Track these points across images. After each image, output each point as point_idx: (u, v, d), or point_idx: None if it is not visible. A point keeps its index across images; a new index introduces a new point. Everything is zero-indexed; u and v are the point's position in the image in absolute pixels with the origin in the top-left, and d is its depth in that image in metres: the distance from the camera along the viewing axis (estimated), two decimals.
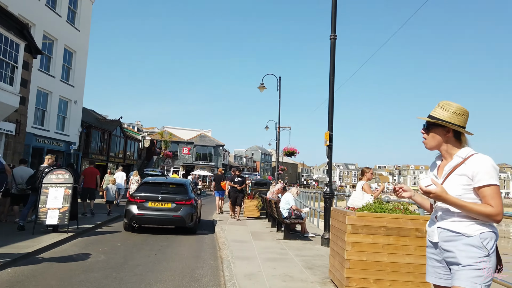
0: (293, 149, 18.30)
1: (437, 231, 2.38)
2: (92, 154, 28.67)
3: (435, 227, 2.40)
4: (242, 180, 13.73)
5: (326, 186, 9.01)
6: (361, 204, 6.76)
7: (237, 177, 13.72)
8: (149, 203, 9.98)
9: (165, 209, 10.02)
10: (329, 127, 8.91)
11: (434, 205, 2.49)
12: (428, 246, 2.50)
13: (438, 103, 2.51)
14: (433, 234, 2.41)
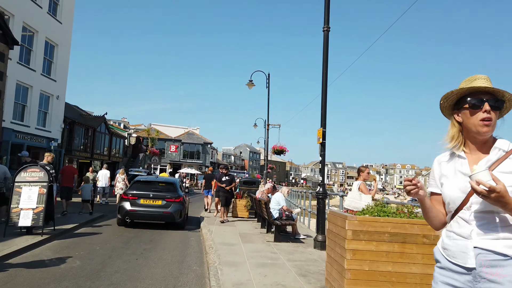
0: (282, 147, 17.83)
1: (474, 252, 1.74)
2: (75, 151, 27.78)
3: (469, 246, 1.76)
4: (231, 179, 12.51)
5: (318, 186, 8.56)
6: (360, 206, 6.31)
7: (225, 176, 12.54)
8: (141, 200, 10.69)
9: (156, 205, 10.71)
10: (322, 123, 8.46)
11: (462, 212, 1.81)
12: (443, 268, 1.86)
13: (476, 76, 1.91)
14: (465, 256, 1.76)
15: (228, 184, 12.35)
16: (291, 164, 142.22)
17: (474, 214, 1.79)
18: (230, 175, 12.65)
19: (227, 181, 12.41)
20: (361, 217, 4.22)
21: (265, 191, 11.27)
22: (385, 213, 4.35)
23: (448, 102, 1.97)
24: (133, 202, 10.64)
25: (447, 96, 1.95)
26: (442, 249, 1.88)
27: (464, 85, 1.91)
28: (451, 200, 1.86)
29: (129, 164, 38.00)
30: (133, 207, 10.54)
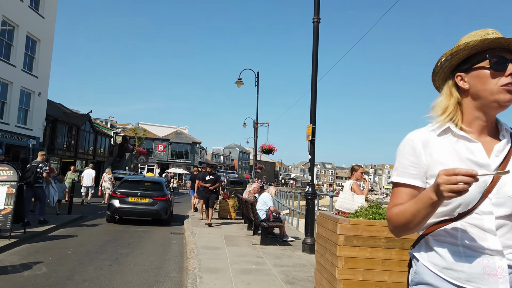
0: (271, 146, 17.36)
1: (509, 275, 1.26)
2: (58, 150, 26.98)
3: (502, 266, 1.26)
4: (215, 178, 11.32)
5: (308, 186, 8.11)
6: (352, 207, 5.86)
7: (209, 175, 11.42)
8: (129, 198, 11.37)
9: (143, 203, 11.41)
10: (312, 120, 8.01)
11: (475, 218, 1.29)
12: None
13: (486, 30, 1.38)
14: (495, 282, 1.24)
15: (212, 183, 11.23)
16: (281, 165, 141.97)
17: (498, 221, 1.29)
18: (214, 174, 11.48)
19: (211, 180, 11.27)
20: (355, 220, 3.75)
21: (252, 191, 10.78)
22: (381, 216, 3.89)
23: (453, 60, 1.40)
24: (122, 200, 11.33)
25: (457, 51, 1.37)
26: (443, 270, 1.30)
27: (476, 38, 1.34)
28: (463, 201, 1.28)
29: (115, 164, 37.18)
30: (121, 205, 11.24)
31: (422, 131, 1.43)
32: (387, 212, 1.41)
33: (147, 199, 11.43)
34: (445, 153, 1.35)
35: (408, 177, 1.38)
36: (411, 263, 1.47)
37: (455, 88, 1.43)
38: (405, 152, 1.41)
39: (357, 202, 6.06)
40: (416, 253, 1.40)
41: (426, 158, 1.37)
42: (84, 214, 13.15)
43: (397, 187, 1.41)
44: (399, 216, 1.32)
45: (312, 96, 8.06)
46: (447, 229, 1.33)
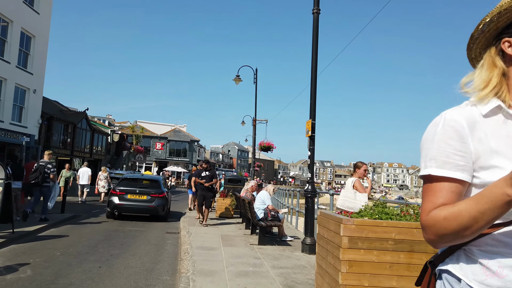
0: (269, 143, 17.03)
1: None
2: (54, 148, 26.55)
3: None
4: (211, 175, 10.71)
5: (307, 184, 7.79)
6: (355, 206, 5.56)
7: (205, 171, 10.82)
8: (128, 195, 11.85)
9: (141, 200, 11.92)
10: (311, 115, 7.69)
11: None
12: None
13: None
14: None
15: (208, 180, 10.60)
16: (280, 163, 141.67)
17: None
18: (211, 170, 10.85)
19: (207, 176, 10.66)
20: (360, 221, 3.44)
21: (249, 189, 10.44)
22: (387, 215, 3.58)
23: (500, 21, 1.10)
24: (121, 197, 11.84)
25: (507, 8, 1.06)
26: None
27: None
28: None
29: (112, 162, 36.82)
30: (121, 201, 11.73)
31: (464, 110, 1.10)
32: (423, 215, 1.06)
33: (145, 196, 11.95)
34: (499, 139, 1.04)
35: (453, 169, 1.05)
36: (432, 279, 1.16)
37: (499, 57, 1.13)
38: (446, 136, 1.07)
39: (359, 200, 5.76)
40: (453, 268, 1.08)
41: (474, 144, 1.05)
42: (78, 213, 12.83)
43: (436, 182, 1.07)
44: (450, 221, 0.99)
45: (312, 90, 7.74)
46: (497, 236, 1.02)
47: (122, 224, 11.25)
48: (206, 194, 10.51)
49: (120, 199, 11.76)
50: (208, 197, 10.54)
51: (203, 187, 10.56)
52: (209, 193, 10.59)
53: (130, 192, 11.91)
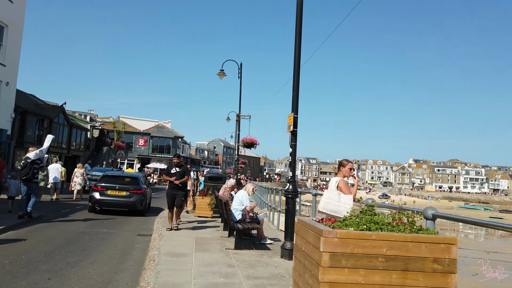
0: (252, 139, 16.37)
1: None
2: (28, 143, 25.37)
3: None
4: (182, 171, 9.45)
5: (288, 183, 7.16)
6: (339, 209, 4.95)
7: (175, 167, 9.50)
8: (108, 191, 12.60)
9: (121, 196, 12.65)
10: (294, 108, 7.06)
11: None
12: None
13: None
14: None
15: (178, 177, 9.35)
16: (266, 160, 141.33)
17: None
18: (182, 166, 9.57)
19: (177, 173, 9.39)
20: (344, 233, 2.80)
21: (228, 188, 9.75)
22: (377, 225, 2.96)
23: None
24: (102, 192, 12.56)
25: None
26: None
27: None
28: None
29: (92, 158, 35.64)
30: (101, 197, 12.48)
31: None
32: None
33: (124, 192, 12.71)
34: None
35: None
36: None
37: None
38: None
39: (344, 203, 5.15)
40: None
41: None
42: (46, 213, 11.97)
43: None
44: None
45: (295, 81, 7.10)
46: None
47: (92, 225, 10.48)
48: (177, 193, 9.42)
49: (101, 195, 12.50)
50: (179, 197, 9.45)
51: (173, 186, 9.41)
52: (179, 192, 9.46)
53: (110, 188, 12.65)
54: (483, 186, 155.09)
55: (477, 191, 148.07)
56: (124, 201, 12.57)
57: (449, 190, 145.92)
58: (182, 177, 9.39)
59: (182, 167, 9.55)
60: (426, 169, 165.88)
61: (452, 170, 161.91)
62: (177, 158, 9.63)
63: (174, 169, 9.45)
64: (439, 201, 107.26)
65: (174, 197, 9.38)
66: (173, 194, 9.38)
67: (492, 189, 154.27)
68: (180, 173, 9.40)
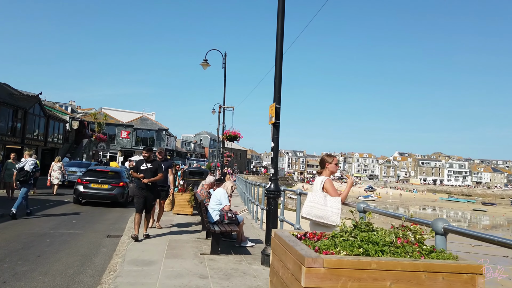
0: (235, 132, 15.59)
1: None
2: (0, 135, 24.14)
3: None
4: (155, 167, 7.89)
5: (269, 181, 6.44)
6: (326, 214, 4.26)
7: (145, 163, 7.88)
8: (92, 184, 13.57)
9: (103, 189, 13.65)
10: (276, 97, 6.31)
11: None
12: None
13: None
14: None
15: (149, 175, 7.73)
16: (252, 152, 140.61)
17: None
18: (154, 161, 8.05)
19: (147, 170, 7.77)
20: (333, 261, 2.07)
21: (206, 185, 8.96)
22: (377, 247, 2.24)
23: None
24: (86, 185, 13.50)
25: None
26: None
27: None
28: None
29: (71, 151, 34.36)
30: (85, 190, 13.46)
31: None
32: None
33: (106, 185, 13.68)
34: None
35: None
36: None
37: None
38: None
39: (331, 206, 4.46)
40: None
41: None
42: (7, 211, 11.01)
43: None
44: None
45: (277, 68, 6.34)
46: None
47: (59, 224, 9.62)
48: (147, 195, 7.77)
49: (84, 188, 13.45)
50: (150, 199, 7.89)
51: (142, 185, 7.74)
52: (150, 193, 7.83)
53: (94, 181, 13.59)
54: (466, 179, 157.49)
55: (461, 184, 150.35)
56: (106, 193, 13.49)
57: (433, 183, 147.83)
58: (154, 175, 7.80)
59: (155, 163, 8.01)
60: (411, 162, 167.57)
61: (436, 163, 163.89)
62: (147, 151, 7.97)
63: (145, 164, 7.86)
64: (425, 194, 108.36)
65: (144, 200, 7.76)
66: (144, 197, 7.73)
67: (475, 181, 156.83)
68: (151, 170, 7.82)
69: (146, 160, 7.94)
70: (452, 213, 59.27)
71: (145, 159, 7.95)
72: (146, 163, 7.90)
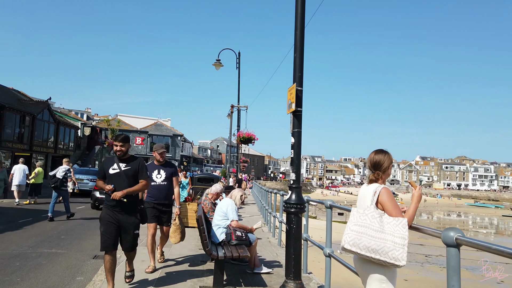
0: (250, 134, 14.01)
1: None
2: (7, 142, 23.24)
3: None
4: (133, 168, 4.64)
5: (289, 190, 4.80)
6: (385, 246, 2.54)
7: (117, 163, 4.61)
8: None
9: None
10: (296, 77, 4.69)
11: None
12: None
13: None
14: None
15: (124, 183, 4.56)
16: (270, 158, 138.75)
17: None
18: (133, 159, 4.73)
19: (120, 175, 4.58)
20: None
21: (210, 195, 7.32)
22: None
23: None
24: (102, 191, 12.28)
25: None
26: None
27: None
28: None
29: (82, 158, 33.44)
30: (101, 195, 13.27)
31: None
32: None
33: None
34: None
35: None
36: None
37: None
38: None
39: (391, 234, 2.78)
40: None
41: None
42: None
43: None
44: None
45: (297, 37, 4.72)
46: None
47: (43, 241, 8.25)
48: (123, 221, 4.53)
49: (100, 193, 13.45)
50: (127, 229, 4.57)
51: (111, 202, 4.51)
52: (127, 217, 4.56)
53: None
54: (492, 183, 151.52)
55: (486, 189, 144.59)
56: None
57: (458, 188, 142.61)
58: (131, 183, 4.54)
59: (133, 163, 4.64)
60: (433, 166, 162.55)
61: (460, 167, 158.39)
62: (121, 141, 4.55)
63: (116, 165, 4.56)
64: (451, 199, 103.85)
65: (116, 226, 4.48)
66: (113, 221, 4.47)
67: (502, 186, 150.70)
68: (128, 175, 4.55)
69: (119, 158, 4.59)
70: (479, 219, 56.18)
71: (118, 156, 4.59)
72: (119, 163, 4.57)
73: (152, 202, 5.97)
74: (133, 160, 4.74)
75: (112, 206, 4.56)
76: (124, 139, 4.64)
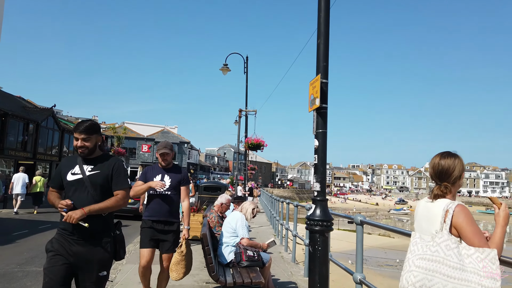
0: (258, 140, 13.26)
1: None
2: (10, 150, 22.71)
3: None
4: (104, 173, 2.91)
5: (313, 203, 3.99)
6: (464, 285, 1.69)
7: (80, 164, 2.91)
8: None
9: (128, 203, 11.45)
10: (321, 68, 3.90)
11: None
12: None
13: None
14: None
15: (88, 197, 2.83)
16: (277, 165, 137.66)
17: None
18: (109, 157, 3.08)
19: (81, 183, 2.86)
20: None
21: (217, 208, 6.50)
22: None
23: None
24: None
25: None
26: None
27: None
28: None
29: None
30: None
31: None
32: None
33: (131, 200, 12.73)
34: None
35: None
36: None
37: None
38: None
39: (475, 273, 1.92)
40: None
41: None
42: None
43: None
44: None
45: (321, 20, 3.94)
46: None
47: (33, 258, 7.53)
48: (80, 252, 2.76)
49: None
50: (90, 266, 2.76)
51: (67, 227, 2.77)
52: (93, 249, 2.78)
53: None
54: (504, 190, 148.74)
55: (498, 195, 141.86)
56: (128, 207, 13.20)
57: (469, 195, 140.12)
58: (103, 196, 2.86)
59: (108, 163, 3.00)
60: None
61: (470, 173, 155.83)
62: (85, 132, 2.90)
63: (78, 168, 2.91)
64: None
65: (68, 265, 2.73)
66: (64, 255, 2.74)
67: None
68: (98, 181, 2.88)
69: (83, 157, 2.95)
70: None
71: (81, 154, 2.93)
72: (83, 164, 2.93)
73: (149, 220, 4.35)
74: (105, 160, 3.00)
75: (68, 233, 2.78)
76: (88, 129, 2.91)
